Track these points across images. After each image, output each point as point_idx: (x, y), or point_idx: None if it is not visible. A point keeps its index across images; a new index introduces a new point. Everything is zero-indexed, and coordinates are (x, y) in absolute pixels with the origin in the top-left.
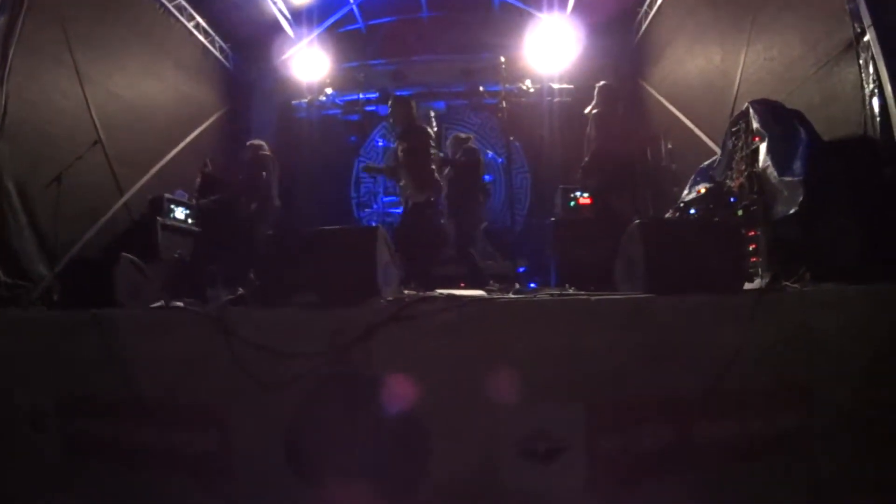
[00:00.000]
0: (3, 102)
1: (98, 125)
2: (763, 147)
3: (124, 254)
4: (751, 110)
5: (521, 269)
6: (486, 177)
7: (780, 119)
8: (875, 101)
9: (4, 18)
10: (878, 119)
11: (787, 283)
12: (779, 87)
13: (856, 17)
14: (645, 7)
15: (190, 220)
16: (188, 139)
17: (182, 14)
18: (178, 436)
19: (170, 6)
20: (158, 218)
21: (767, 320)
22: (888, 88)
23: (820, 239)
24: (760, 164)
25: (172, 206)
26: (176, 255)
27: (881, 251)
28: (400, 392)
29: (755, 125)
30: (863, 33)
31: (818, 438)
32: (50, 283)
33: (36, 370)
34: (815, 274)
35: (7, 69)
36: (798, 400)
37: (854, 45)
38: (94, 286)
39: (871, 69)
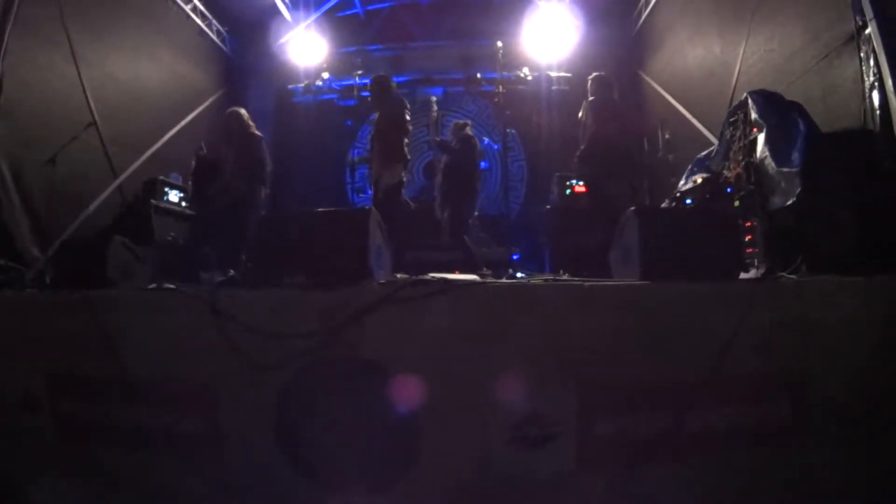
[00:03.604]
0: None
1: (93, 107)
2: (761, 137)
3: (116, 236)
4: (749, 100)
5: (516, 256)
6: (483, 164)
7: (779, 110)
8: (875, 95)
9: None
10: (877, 112)
11: (784, 274)
12: (778, 79)
13: (857, 9)
14: None
15: (184, 203)
16: (184, 122)
17: None
18: (169, 417)
19: None
20: (152, 200)
21: (763, 310)
22: (888, 82)
23: (817, 230)
24: (758, 154)
25: (167, 189)
26: (169, 238)
27: (878, 243)
28: (391, 375)
29: (753, 115)
30: (864, 26)
31: (811, 428)
32: (43, 266)
33: (28, 352)
34: (811, 265)
35: (3, 48)
36: (792, 390)
37: (855, 37)
38: (87, 268)
39: (871, 62)
